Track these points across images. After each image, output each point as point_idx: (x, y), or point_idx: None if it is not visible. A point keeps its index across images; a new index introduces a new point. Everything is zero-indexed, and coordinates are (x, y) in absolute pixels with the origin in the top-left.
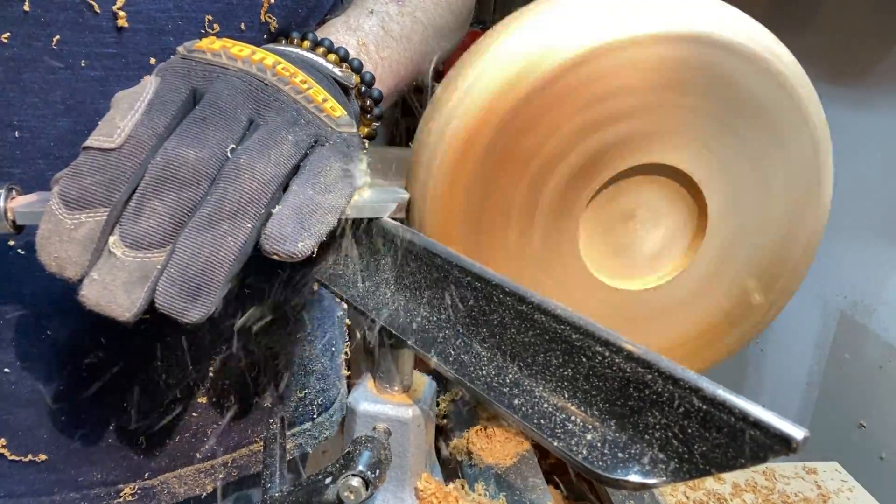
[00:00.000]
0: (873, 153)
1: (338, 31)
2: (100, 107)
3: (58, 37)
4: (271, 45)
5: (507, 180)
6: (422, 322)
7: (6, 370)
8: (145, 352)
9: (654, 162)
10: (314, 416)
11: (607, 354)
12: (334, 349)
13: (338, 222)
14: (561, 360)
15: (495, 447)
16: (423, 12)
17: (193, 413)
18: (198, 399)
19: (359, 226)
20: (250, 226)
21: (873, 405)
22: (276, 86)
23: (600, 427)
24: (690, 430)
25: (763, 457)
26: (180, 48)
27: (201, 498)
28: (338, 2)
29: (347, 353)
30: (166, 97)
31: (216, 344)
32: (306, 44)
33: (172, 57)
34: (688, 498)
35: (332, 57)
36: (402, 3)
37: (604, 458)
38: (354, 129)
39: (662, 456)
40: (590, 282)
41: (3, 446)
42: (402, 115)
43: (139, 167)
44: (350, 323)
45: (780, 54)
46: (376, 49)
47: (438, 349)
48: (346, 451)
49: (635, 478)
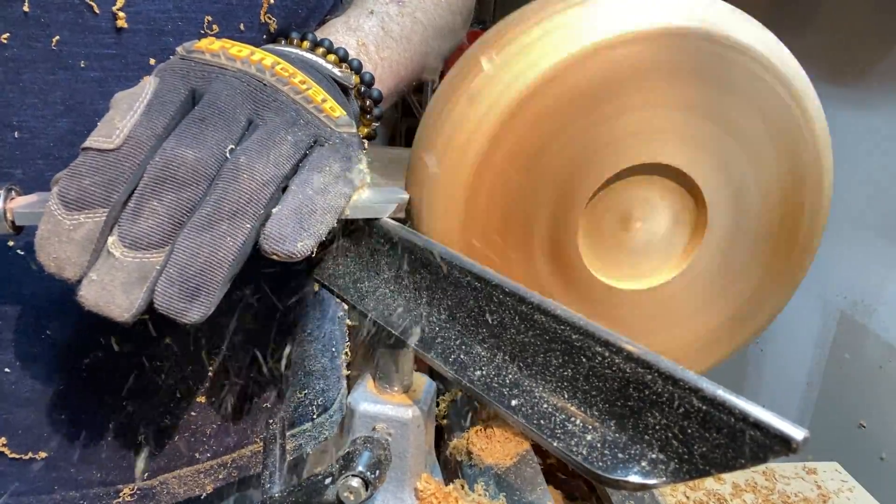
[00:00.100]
0: (873, 153)
1: (337, 32)
2: (99, 107)
3: (57, 37)
4: (270, 46)
5: (507, 180)
6: (421, 322)
7: (6, 370)
8: (145, 352)
9: (653, 162)
10: (314, 417)
11: (607, 355)
12: (334, 349)
13: (337, 222)
14: (561, 361)
15: (495, 447)
16: (423, 13)
17: (193, 413)
18: (198, 399)
19: (358, 226)
20: (249, 226)
21: (873, 405)
22: (275, 86)
23: (600, 427)
24: (690, 431)
25: (763, 457)
26: (179, 49)
27: (201, 498)
28: (338, 2)
29: (348, 354)
30: (165, 98)
31: (216, 344)
32: (306, 44)
33: (171, 57)
34: (688, 498)
35: (332, 57)
36: (402, 4)
37: (604, 458)
38: (354, 130)
39: (662, 456)
40: (589, 281)
41: (4, 445)
42: (402, 115)
43: (138, 168)
44: (351, 323)
45: (779, 54)
46: (376, 49)
47: (438, 349)
48: (346, 451)
49: (635, 478)
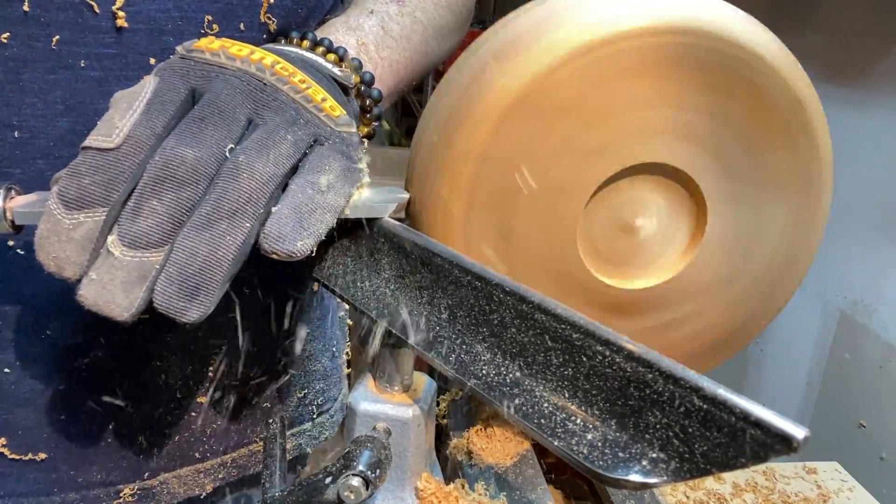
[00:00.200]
0: (873, 153)
1: (337, 31)
2: (99, 107)
3: (57, 37)
4: (270, 45)
5: (506, 180)
6: (422, 322)
7: (6, 370)
8: (145, 352)
9: (652, 161)
10: (314, 416)
11: (608, 354)
12: (335, 349)
13: (337, 222)
14: (561, 360)
15: (495, 447)
16: (423, 12)
17: (193, 413)
18: (197, 399)
19: (358, 225)
20: (249, 225)
21: (873, 405)
22: (275, 85)
23: (601, 426)
24: (691, 430)
25: (764, 456)
26: (179, 48)
27: (201, 498)
28: (338, 2)
29: (349, 353)
30: (165, 97)
31: (216, 344)
32: (306, 43)
33: (171, 57)
34: (688, 498)
35: (332, 56)
36: (402, 3)
37: (604, 457)
38: (354, 129)
39: (663, 455)
40: (589, 281)
41: (3, 445)
42: (402, 114)
43: (138, 167)
44: (352, 323)
45: (779, 54)
46: (376, 49)
47: (439, 349)
48: (347, 450)
49: (636, 477)
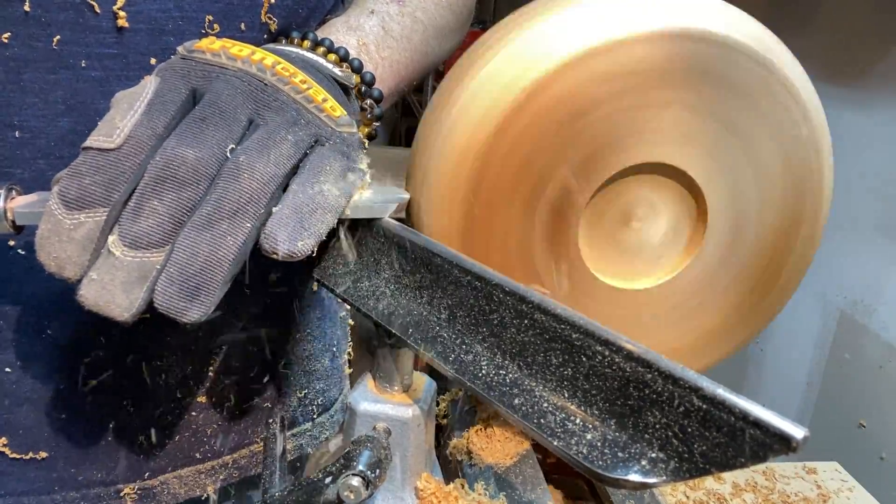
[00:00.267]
0: (873, 153)
1: (338, 31)
2: (100, 107)
3: (58, 37)
4: (271, 45)
5: (507, 180)
6: (422, 322)
7: (7, 370)
8: (145, 352)
9: (653, 161)
10: (314, 417)
11: (607, 354)
12: (335, 349)
13: (337, 222)
14: (561, 360)
15: (495, 447)
16: (423, 12)
17: (193, 413)
18: (198, 399)
19: (359, 225)
20: (249, 225)
21: (873, 405)
22: (276, 86)
23: (600, 426)
24: (690, 430)
25: (763, 456)
26: (180, 48)
27: (201, 498)
28: (338, 2)
29: (350, 354)
30: (166, 97)
31: (216, 344)
32: (306, 44)
33: (172, 57)
34: (688, 497)
35: (333, 57)
36: (402, 4)
37: (604, 457)
38: (354, 129)
39: (662, 455)
40: (589, 281)
41: (4, 445)
42: (402, 115)
43: (138, 167)
44: (353, 323)
45: (779, 54)
46: (377, 49)
47: (438, 349)
48: (347, 450)
49: (635, 477)
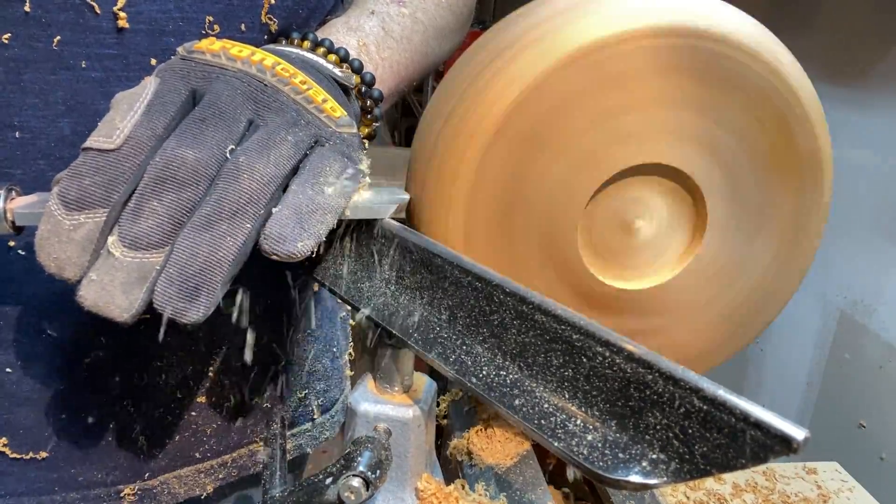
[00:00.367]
0: (873, 153)
1: (338, 32)
2: (100, 108)
3: (58, 37)
4: (271, 46)
5: (507, 181)
6: (422, 322)
7: (7, 370)
8: (145, 352)
9: (652, 161)
10: (314, 417)
11: (608, 355)
12: (336, 350)
13: (338, 223)
14: (561, 361)
15: (495, 447)
16: (423, 13)
17: (193, 413)
18: (198, 399)
19: (359, 226)
20: (249, 226)
21: (873, 405)
22: (276, 86)
23: (601, 427)
24: (691, 431)
25: (764, 457)
26: (180, 49)
27: (201, 498)
28: (338, 2)
29: (351, 354)
30: (166, 98)
31: (216, 344)
32: (306, 44)
33: (172, 58)
34: (688, 498)
35: (333, 57)
36: (402, 4)
37: (604, 458)
38: (354, 130)
39: (663, 456)
40: (589, 281)
41: (5, 445)
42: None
43: (138, 168)
44: (353, 324)
45: (779, 54)
46: (377, 49)
47: (439, 349)
48: (347, 451)
49: (636, 478)
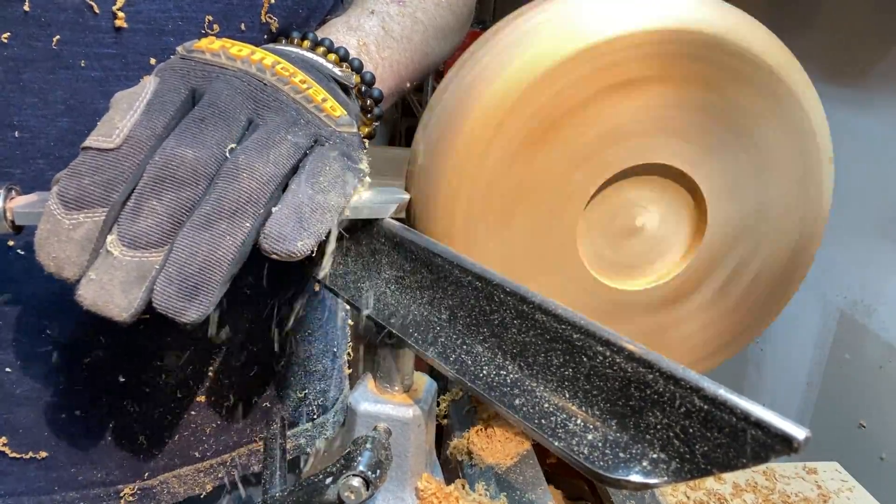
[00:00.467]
0: (873, 153)
1: (338, 31)
2: (99, 107)
3: (58, 37)
4: (271, 45)
5: (507, 181)
6: (422, 322)
7: (7, 369)
8: (145, 351)
9: (652, 162)
10: (315, 417)
11: (608, 354)
12: (336, 350)
13: (337, 222)
14: (562, 360)
15: (496, 447)
16: (423, 13)
17: (193, 412)
18: (197, 399)
19: (359, 226)
20: (249, 225)
21: (873, 405)
22: (276, 86)
23: (601, 427)
24: (692, 430)
25: (764, 457)
26: (179, 48)
27: (201, 498)
28: (338, 2)
29: (350, 354)
30: (165, 97)
31: (216, 343)
32: (306, 43)
33: (172, 57)
34: (688, 498)
35: (333, 57)
36: (402, 4)
37: (605, 457)
38: (354, 129)
39: (664, 456)
40: (589, 281)
41: (4, 444)
42: (402, 115)
43: (138, 167)
44: (353, 323)
45: (779, 53)
46: (377, 49)
47: (439, 349)
48: (347, 451)
49: (637, 478)
